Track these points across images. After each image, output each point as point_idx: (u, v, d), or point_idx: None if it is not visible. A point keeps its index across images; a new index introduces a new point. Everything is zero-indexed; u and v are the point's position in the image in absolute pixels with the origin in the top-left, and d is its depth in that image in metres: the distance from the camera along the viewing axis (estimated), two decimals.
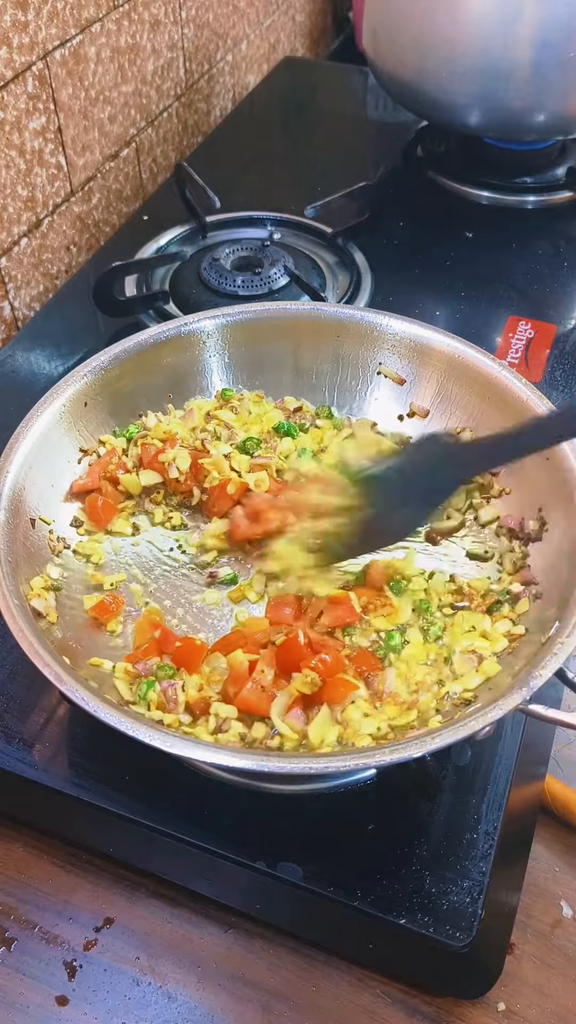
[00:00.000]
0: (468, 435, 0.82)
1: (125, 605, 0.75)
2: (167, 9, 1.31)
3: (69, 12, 1.09)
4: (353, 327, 0.85)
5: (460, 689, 0.66)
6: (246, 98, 1.58)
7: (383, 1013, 0.67)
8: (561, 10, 1.05)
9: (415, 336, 0.84)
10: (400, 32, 1.17)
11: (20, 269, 1.13)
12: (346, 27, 2.05)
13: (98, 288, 1.03)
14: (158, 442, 0.81)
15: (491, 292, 1.12)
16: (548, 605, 0.68)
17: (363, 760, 0.57)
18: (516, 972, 0.69)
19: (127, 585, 0.76)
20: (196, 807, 0.68)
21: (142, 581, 0.77)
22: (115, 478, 0.79)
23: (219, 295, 1.06)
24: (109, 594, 0.74)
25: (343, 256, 1.15)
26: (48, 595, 0.70)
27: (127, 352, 0.82)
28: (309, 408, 0.87)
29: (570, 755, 0.80)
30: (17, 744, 0.71)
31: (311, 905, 0.65)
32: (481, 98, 1.13)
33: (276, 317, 0.86)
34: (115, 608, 0.73)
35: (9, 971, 0.69)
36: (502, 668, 0.66)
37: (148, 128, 1.35)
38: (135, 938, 0.70)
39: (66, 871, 0.74)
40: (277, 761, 0.58)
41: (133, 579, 0.77)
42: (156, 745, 0.57)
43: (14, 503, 0.71)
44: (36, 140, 1.10)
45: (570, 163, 1.29)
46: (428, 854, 0.65)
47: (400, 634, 0.70)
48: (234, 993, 0.68)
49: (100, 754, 0.71)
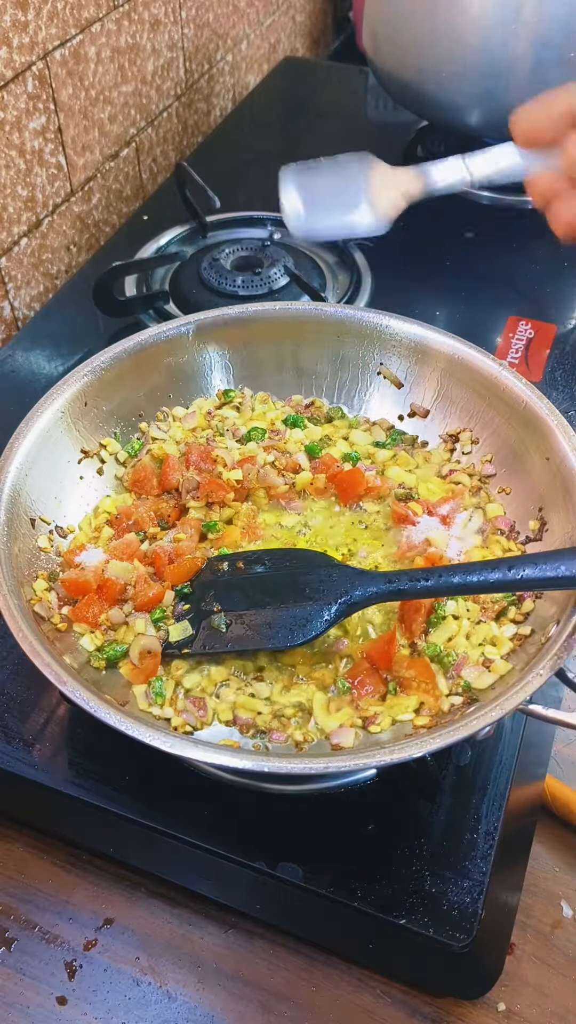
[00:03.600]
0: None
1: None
2: (167, 9, 1.31)
3: (69, 12, 1.09)
4: (353, 327, 0.85)
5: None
6: (246, 98, 1.58)
7: (383, 1013, 0.67)
8: (561, 10, 1.05)
9: (415, 336, 0.84)
10: (400, 32, 1.17)
11: (20, 269, 1.13)
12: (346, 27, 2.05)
13: (98, 288, 1.03)
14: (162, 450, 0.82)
15: (491, 292, 1.12)
16: (548, 605, 0.68)
17: (363, 760, 0.57)
18: (516, 972, 0.69)
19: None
20: (196, 807, 0.68)
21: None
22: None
23: (219, 295, 1.06)
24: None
25: (343, 256, 1.15)
26: (50, 596, 0.70)
27: (127, 352, 0.82)
28: (322, 404, 0.87)
29: (570, 755, 0.80)
30: (17, 744, 0.71)
31: (311, 905, 0.65)
32: (481, 98, 1.13)
33: (276, 317, 0.86)
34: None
35: (9, 971, 0.69)
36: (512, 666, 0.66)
37: (148, 128, 1.35)
38: (135, 938, 0.70)
39: (66, 871, 0.74)
40: (277, 761, 0.58)
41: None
42: (156, 745, 0.57)
43: (14, 503, 0.71)
44: (36, 140, 1.10)
45: None
46: (428, 854, 0.65)
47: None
48: (234, 993, 0.68)
49: (100, 754, 0.71)
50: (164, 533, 0.77)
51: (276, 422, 0.85)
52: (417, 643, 0.69)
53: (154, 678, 0.68)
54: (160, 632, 0.70)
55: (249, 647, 0.68)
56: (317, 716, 0.66)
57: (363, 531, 0.78)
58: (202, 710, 0.67)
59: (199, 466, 0.79)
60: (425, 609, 0.70)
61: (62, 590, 0.72)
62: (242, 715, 0.66)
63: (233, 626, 0.68)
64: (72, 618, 0.70)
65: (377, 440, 0.84)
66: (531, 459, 0.76)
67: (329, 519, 0.79)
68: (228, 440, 0.83)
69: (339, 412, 0.87)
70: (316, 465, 0.81)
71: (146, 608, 0.71)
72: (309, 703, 0.67)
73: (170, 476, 0.79)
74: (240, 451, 0.82)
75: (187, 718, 0.66)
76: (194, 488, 0.78)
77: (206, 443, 0.82)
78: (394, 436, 0.85)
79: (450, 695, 0.66)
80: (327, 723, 0.66)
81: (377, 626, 0.71)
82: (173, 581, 0.73)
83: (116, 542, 0.75)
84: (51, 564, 0.73)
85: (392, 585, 0.66)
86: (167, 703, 0.67)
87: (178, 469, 0.79)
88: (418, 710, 0.66)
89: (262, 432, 0.83)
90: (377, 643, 0.69)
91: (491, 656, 0.68)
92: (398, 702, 0.66)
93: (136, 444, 0.83)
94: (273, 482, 0.79)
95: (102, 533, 0.76)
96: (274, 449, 0.82)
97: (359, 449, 0.83)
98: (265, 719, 0.66)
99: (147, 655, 0.69)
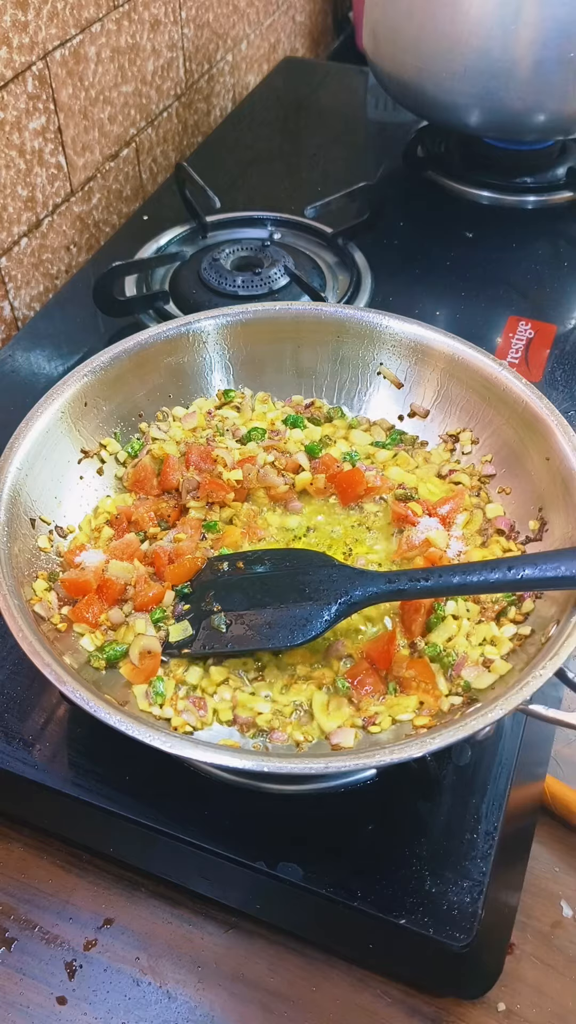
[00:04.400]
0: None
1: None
2: (167, 9, 1.31)
3: (69, 12, 1.09)
4: (353, 327, 0.85)
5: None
6: (246, 98, 1.58)
7: (383, 1013, 0.67)
8: (561, 10, 1.05)
9: (415, 336, 0.84)
10: (400, 32, 1.17)
11: (20, 269, 1.13)
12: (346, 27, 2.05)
13: (98, 288, 1.03)
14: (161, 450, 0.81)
15: (491, 292, 1.12)
16: (548, 605, 0.68)
17: (363, 760, 0.57)
18: (516, 972, 0.69)
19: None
20: (196, 807, 0.68)
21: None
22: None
23: (219, 295, 1.06)
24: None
25: (343, 256, 1.15)
26: (50, 596, 0.70)
27: (127, 352, 0.82)
28: (322, 404, 0.87)
29: (570, 755, 0.80)
30: (17, 744, 0.71)
31: (311, 905, 0.65)
32: (481, 98, 1.13)
33: (276, 317, 0.86)
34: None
35: (9, 971, 0.69)
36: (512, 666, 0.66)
37: (148, 128, 1.35)
38: (135, 938, 0.70)
39: (66, 871, 0.74)
40: (277, 761, 0.58)
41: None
42: (156, 745, 0.57)
43: (14, 503, 0.71)
44: (36, 140, 1.10)
45: (570, 163, 1.29)
46: (428, 854, 0.65)
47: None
48: (234, 993, 0.68)
49: (100, 754, 0.71)
50: (164, 533, 0.77)
51: (276, 422, 0.85)
52: (417, 643, 0.69)
53: (154, 678, 0.68)
54: (160, 632, 0.70)
55: (249, 647, 0.68)
56: (317, 716, 0.66)
57: (363, 531, 0.78)
58: (202, 710, 0.67)
59: (199, 466, 0.79)
60: (425, 609, 0.70)
61: (62, 590, 0.72)
62: (242, 715, 0.66)
63: (233, 626, 0.68)
64: (72, 618, 0.70)
65: (377, 440, 0.85)
66: (531, 459, 0.76)
67: (329, 519, 0.79)
68: (228, 440, 0.83)
69: (339, 412, 0.87)
70: (316, 465, 0.81)
71: (146, 608, 0.71)
72: (309, 703, 0.67)
73: (170, 476, 0.79)
74: (240, 451, 0.82)
75: (187, 718, 0.66)
76: (194, 488, 0.78)
77: (206, 443, 0.82)
78: (394, 436, 0.85)
79: (450, 695, 0.66)
80: (327, 723, 0.66)
81: (370, 618, 0.72)
82: (173, 581, 0.73)
83: (116, 542, 0.75)
84: (51, 564, 0.73)
85: (392, 585, 0.66)
86: (167, 703, 0.67)
87: (178, 469, 0.79)
88: (418, 710, 0.66)
89: (262, 432, 0.83)
90: (377, 643, 0.69)
91: (491, 656, 0.68)
92: (398, 702, 0.66)
93: (136, 444, 0.83)
94: (273, 482, 0.79)
95: (102, 533, 0.76)
96: (274, 449, 0.82)
97: (359, 449, 0.83)
98: (266, 718, 0.66)
99: (147, 655, 0.69)
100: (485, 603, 0.72)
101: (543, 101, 1.12)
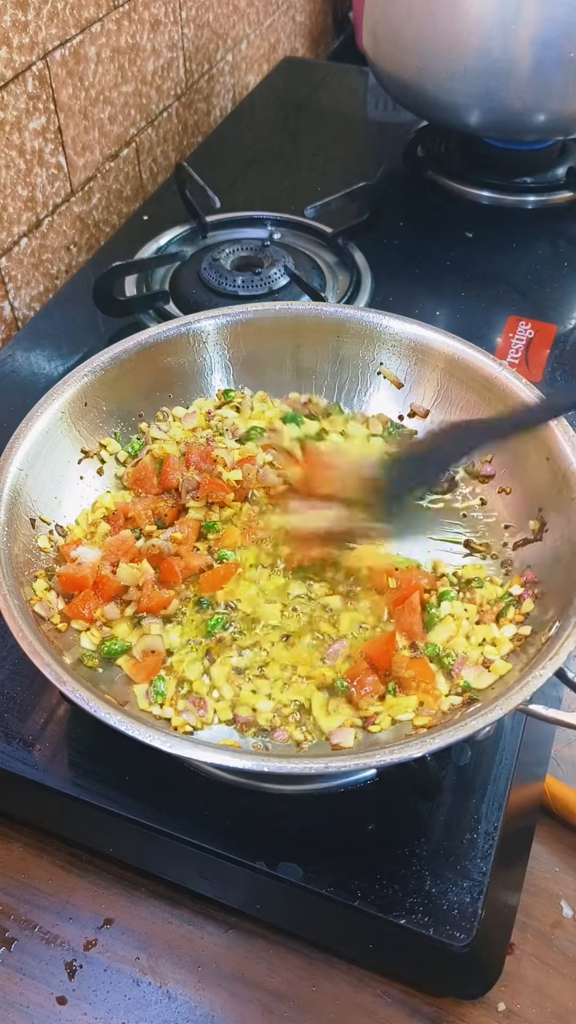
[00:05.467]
0: None
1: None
2: (167, 9, 1.31)
3: (69, 12, 1.09)
4: (353, 327, 0.85)
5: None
6: (246, 98, 1.58)
7: (383, 1013, 0.67)
8: (561, 10, 1.05)
9: (415, 336, 0.84)
10: (400, 32, 1.17)
11: (20, 269, 1.13)
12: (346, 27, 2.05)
13: (98, 288, 1.03)
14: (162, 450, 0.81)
15: (491, 292, 1.12)
16: (548, 605, 0.68)
17: (363, 760, 0.57)
18: (516, 972, 0.69)
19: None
20: (196, 807, 0.68)
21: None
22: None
23: (219, 295, 1.06)
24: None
25: (343, 256, 1.15)
26: (51, 596, 0.70)
27: (127, 352, 0.82)
28: (319, 401, 0.87)
29: (570, 755, 0.80)
30: (17, 744, 0.71)
31: (311, 905, 0.65)
32: (481, 98, 1.13)
33: (276, 317, 0.86)
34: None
35: (9, 971, 0.69)
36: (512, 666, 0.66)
37: (148, 128, 1.35)
38: (135, 938, 0.70)
39: (66, 871, 0.74)
40: (277, 761, 0.58)
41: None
42: (156, 745, 0.57)
43: (14, 503, 0.71)
44: (36, 140, 1.10)
45: (570, 163, 1.29)
46: (428, 854, 0.65)
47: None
48: (234, 993, 0.68)
49: (100, 754, 0.71)
50: (160, 532, 0.77)
51: (274, 420, 0.85)
52: (417, 643, 0.69)
53: (156, 677, 0.68)
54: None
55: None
56: (316, 716, 0.66)
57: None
58: (202, 710, 0.67)
59: (199, 466, 0.79)
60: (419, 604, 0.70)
61: (62, 589, 0.72)
62: (242, 713, 0.66)
63: None
64: (68, 614, 0.70)
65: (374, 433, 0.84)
66: (531, 459, 0.76)
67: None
68: (228, 440, 0.83)
69: (337, 408, 0.87)
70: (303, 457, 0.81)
71: (151, 611, 0.71)
72: (308, 702, 0.67)
73: (170, 476, 0.79)
74: (240, 451, 0.82)
75: (187, 718, 0.66)
76: (194, 488, 0.78)
77: (206, 443, 0.82)
78: (391, 430, 0.84)
79: (450, 695, 0.66)
80: (326, 723, 0.66)
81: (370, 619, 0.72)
82: (207, 590, 0.72)
83: (111, 538, 0.75)
84: (51, 564, 0.73)
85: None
86: (167, 703, 0.67)
87: (178, 469, 0.79)
88: (418, 710, 0.66)
89: (260, 431, 0.83)
90: (376, 643, 0.69)
91: (491, 656, 0.68)
92: (398, 702, 0.66)
93: (136, 444, 0.83)
94: (272, 482, 0.79)
95: (98, 528, 0.76)
96: (271, 448, 0.82)
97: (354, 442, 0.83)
98: (266, 716, 0.66)
99: (150, 654, 0.69)
100: (483, 605, 0.72)
101: (543, 101, 1.12)
